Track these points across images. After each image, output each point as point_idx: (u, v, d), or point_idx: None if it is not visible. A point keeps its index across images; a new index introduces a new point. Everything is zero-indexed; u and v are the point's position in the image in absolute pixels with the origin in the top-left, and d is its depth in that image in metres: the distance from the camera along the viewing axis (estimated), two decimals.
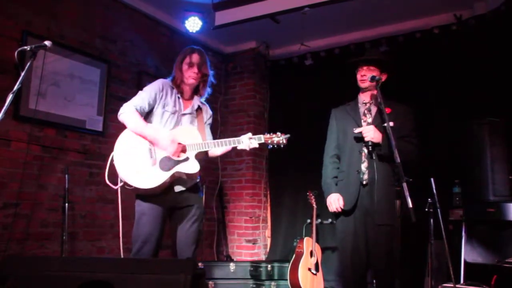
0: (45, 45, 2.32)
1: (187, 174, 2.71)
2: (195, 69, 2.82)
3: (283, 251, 5.33)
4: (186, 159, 2.68)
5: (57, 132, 3.86)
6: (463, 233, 3.79)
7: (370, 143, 2.88)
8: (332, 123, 3.25)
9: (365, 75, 3.00)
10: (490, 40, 4.27)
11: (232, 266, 4.45)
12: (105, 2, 4.38)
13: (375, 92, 2.99)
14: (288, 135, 2.78)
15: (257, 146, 2.74)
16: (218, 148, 2.82)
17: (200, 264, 4.30)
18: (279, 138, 2.75)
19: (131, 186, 2.65)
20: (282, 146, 2.76)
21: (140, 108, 2.74)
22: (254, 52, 5.75)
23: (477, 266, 3.68)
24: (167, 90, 2.84)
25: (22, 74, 2.25)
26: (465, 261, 3.73)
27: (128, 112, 2.71)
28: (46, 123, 3.77)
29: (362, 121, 3.05)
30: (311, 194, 4.46)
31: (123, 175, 2.65)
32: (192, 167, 2.68)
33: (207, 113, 3.02)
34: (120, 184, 2.68)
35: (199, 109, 2.95)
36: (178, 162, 2.67)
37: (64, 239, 3.52)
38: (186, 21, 4.75)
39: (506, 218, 3.54)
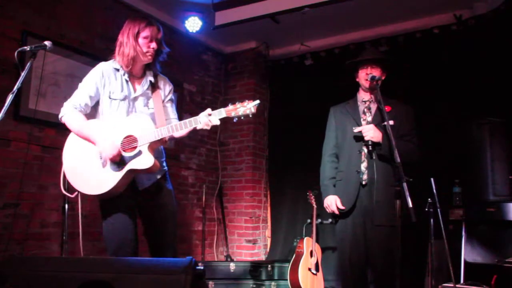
0: (45, 45, 2.32)
1: (142, 171, 2.40)
2: (154, 44, 2.49)
3: (283, 251, 5.33)
4: (138, 153, 2.36)
5: (57, 132, 3.85)
6: (463, 233, 3.79)
7: (370, 143, 2.86)
8: (331, 122, 3.24)
9: (369, 74, 2.99)
10: (490, 40, 4.27)
11: (232, 266, 4.45)
12: (105, 2, 4.38)
13: (375, 90, 2.99)
14: (257, 101, 2.35)
15: (218, 123, 2.37)
16: (177, 131, 2.44)
17: (200, 264, 4.30)
18: (245, 108, 2.32)
19: (86, 194, 2.44)
20: (250, 116, 2.37)
21: (81, 106, 2.45)
22: (254, 52, 5.75)
23: (477, 266, 3.68)
24: (109, 75, 2.49)
25: (22, 74, 2.24)
26: (465, 261, 3.73)
27: (68, 114, 2.44)
28: (46, 123, 3.77)
29: (362, 119, 3.04)
30: (311, 194, 4.46)
31: (73, 183, 2.43)
32: (144, 161, 2.35)
33: (165, 88, 2.64)
34: (75, 193, 2.48)
35: (154, 86, 2.59)
36: (130, 158, 2.36)
37: (64, 239, 3.51)
38: (186, 21, 4.75)
39: (506, 218, 3.53)
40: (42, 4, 3.81)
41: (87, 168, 2.42)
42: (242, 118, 2.36)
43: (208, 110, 2.37)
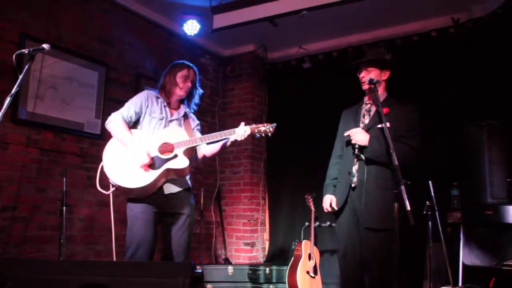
0: (43, 48, 2.32)
1: (177, 172, 2.76)
2: (189, 83, 2.98)
3: (282, 254, 5.32)
4: (175, 156, 2.74)
5: (55, 135, 3.85)
6: (461, 236, 3.78)
7: (356, 146, 2.90)
8: (340, 124, 3.29)
9: (364, 77, 3.01)
10: (487, 43, 4.28)
11: (230, 269, 4.44)
12: (104, 5, 4.38)
13: (373, 93, 2.99)
14: (274, 124, 2.85)
15: (248, 132, 2.82)
16: (206, 146, 2.96)
17: (198, 267, 4.29)
18: (265, 127, 2.83)
19: (123, 189, 2.70)
20: (269, 134, 2.84)
21: (127, 117, 2.85)
22: (252, 55, 5.75)
23: (476, 268, 3.68)
24: (152, 99, 2.95)
25: (20, 77, 2.24)
26: (463, 264, 3.73)
27: (114, 121, 2.81)
28: (44, 126, 3.76)
29: (360, 122, 3.07)
30: (309, 197, 4.45)
31: (114, 177, 2.69)
32: (181, 162, 2.73)
33: (194, 121, 3.11)
34: (112, 189, 2.72)
35: (186, 116, 3.05)
36: (167, 160, 2.73)
37: (62, 242, 3.51)
38: (185, 24, 4.75)
39: (504, 220, 3.53)
40: (40, 7, 3.82)
41: (128, 165, 2.71)
42: (263, 135, 2.84)
43: (243, 123, 2.85)
